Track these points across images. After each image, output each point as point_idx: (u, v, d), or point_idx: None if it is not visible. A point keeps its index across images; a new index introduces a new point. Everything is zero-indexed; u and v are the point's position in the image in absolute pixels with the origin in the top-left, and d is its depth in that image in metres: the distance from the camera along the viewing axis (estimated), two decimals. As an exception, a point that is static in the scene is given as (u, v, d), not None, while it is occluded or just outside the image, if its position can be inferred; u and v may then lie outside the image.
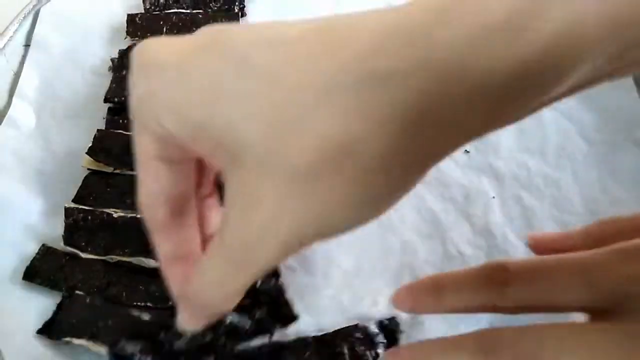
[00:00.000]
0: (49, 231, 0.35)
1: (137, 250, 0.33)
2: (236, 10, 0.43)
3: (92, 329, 0.30)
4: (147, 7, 0.43)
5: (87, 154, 0.36)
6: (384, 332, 0.31)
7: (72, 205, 0.35)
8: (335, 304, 0.32)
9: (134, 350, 0.29)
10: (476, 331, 0.22)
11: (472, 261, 0.33)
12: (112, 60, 0.41)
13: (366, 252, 0.33)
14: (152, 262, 0.33)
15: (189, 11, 0.43)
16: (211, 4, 0.44)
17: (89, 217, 0.34)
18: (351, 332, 0.31)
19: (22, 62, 0.42)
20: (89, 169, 0.36)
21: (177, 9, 0.43)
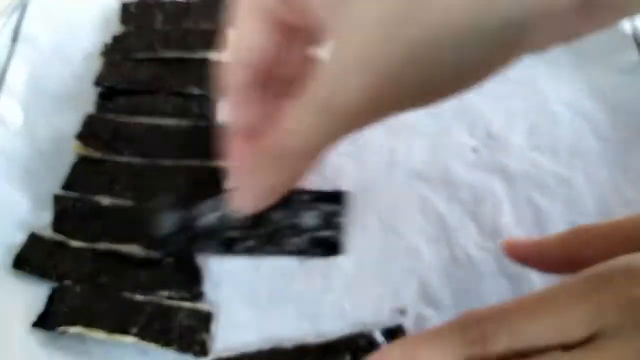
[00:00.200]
0: (38, 224, 0.34)
1: (126, 238, 0.33)
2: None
3: (87, 315, 0.30)
4: None
5: (75, 138, 0.36)
6: (390, 340, 0.29)
7: (61, 192, 0.35)
8: (336, 310, 0.31)
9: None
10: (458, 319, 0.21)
11: (480, 265, 0.32)
12: (105, 44, 0.41)
13: (368, 255, 0.33)
14: (141, 250, 0.33)
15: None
16: None
17: (78, 205, 0.34)
18: (355, 340, 0.30)
19: (9, 58, 0.41)
20: (78, 154, 0.36)
21: (173, -4, 0.43)
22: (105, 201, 0.34)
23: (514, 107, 0.37)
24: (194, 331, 0.30)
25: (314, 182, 0.31)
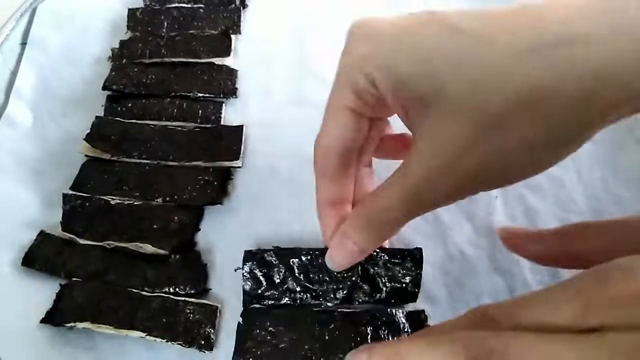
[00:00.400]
0: (47, 224, 0.35)
1: (134, 236, 0.33)
2: (237, 3, 0.43)
3: (94, 311, 0.31)
4: (147, 2, 0.44)
5: (84, 140, 0.36)
6: (411, 322, 0.30)
7: (70, 192, 0.35)
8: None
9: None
10: (457, 332, 0.20)
11: (474, 261, 0.33)
12: (112, 50, 0.42)
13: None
14: (148, 248, 0.33)
15: (189, 5, 0.43)
16: None
17: (87, 204, 0.35)
18: (378, 316, 0.30)
19: (19, 61, 0.41)
20: (86, 156, 0.37)
21: (178, 3, 0.44)
22: (113, 201, 0.35)
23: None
24: (199, 326, 0.31)
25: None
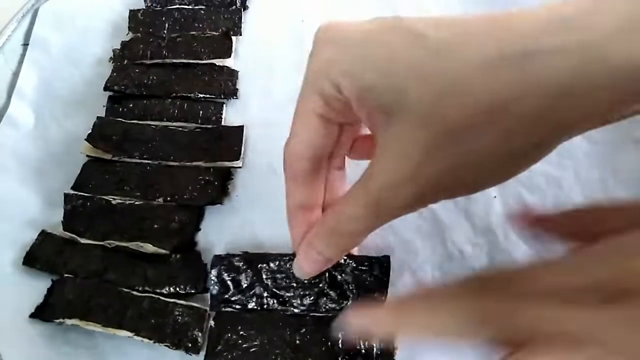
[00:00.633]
0: (49, 224, 0.35)
1: (135, 235, 0.34)
2: (238, 4, 0.44)
3: (84, 308, 0.31)
4: (149, 4, 0.44)
5: (86, 140, 0.36)
6: None
7: (71, 192, 0.35)
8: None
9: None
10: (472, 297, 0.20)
11: (473, 260, 0.33)
12: (114, 50, 0.42)
13: (365, 251, 0.33)
14: (149, 247, 0.33)
15: (190, 6, 0.44)
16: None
17: (88, 204, 0.35)
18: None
19: (20, 62, 0.42)
20: (87, 156, 0.37)
21: (179, 4, 0.44)
22: (114, 200, 0.35)
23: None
24: (187, 328, 0.30)
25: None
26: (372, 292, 0.31)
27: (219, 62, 0.41)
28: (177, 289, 0.32)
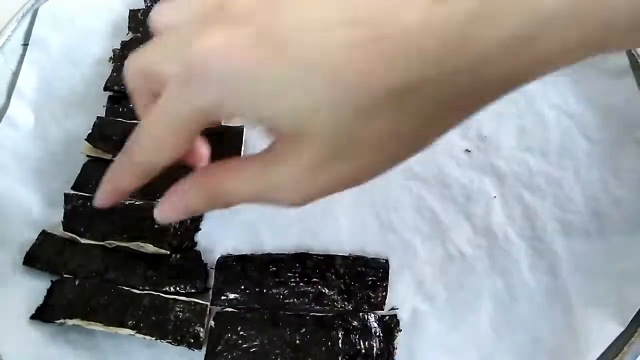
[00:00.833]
0: (49, 224, 0.35)
1: (135, 235, 0.34)
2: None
3: (85, 308, 0.31)
4: (149, 4, 0.44)
5: (86, 140, 0.36)
6: (382, 327, 0.31)
7: (71, 192, 0.35)
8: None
9: None
10: None
11: (473, 261, 0.33)
12: (114, 50, 0.42)
13: (365, 251, 0.33)
14: (149, 247, 0.33)
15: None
16: None
17: (88, 204, 0.35)
18: (350, 320, 0.31)
19: (20, 62, 0.42)
20: (87, 156, 0.37)
21: (179, 4, 0.44)
22: (114, 201, 0.35)
23: (504, 110, 0.38)
24: (188, 324, 0.31)
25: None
26: (371, 292, 0.31)
27: (218, 62, 0.41)
28: (177, 289, 0.32)
